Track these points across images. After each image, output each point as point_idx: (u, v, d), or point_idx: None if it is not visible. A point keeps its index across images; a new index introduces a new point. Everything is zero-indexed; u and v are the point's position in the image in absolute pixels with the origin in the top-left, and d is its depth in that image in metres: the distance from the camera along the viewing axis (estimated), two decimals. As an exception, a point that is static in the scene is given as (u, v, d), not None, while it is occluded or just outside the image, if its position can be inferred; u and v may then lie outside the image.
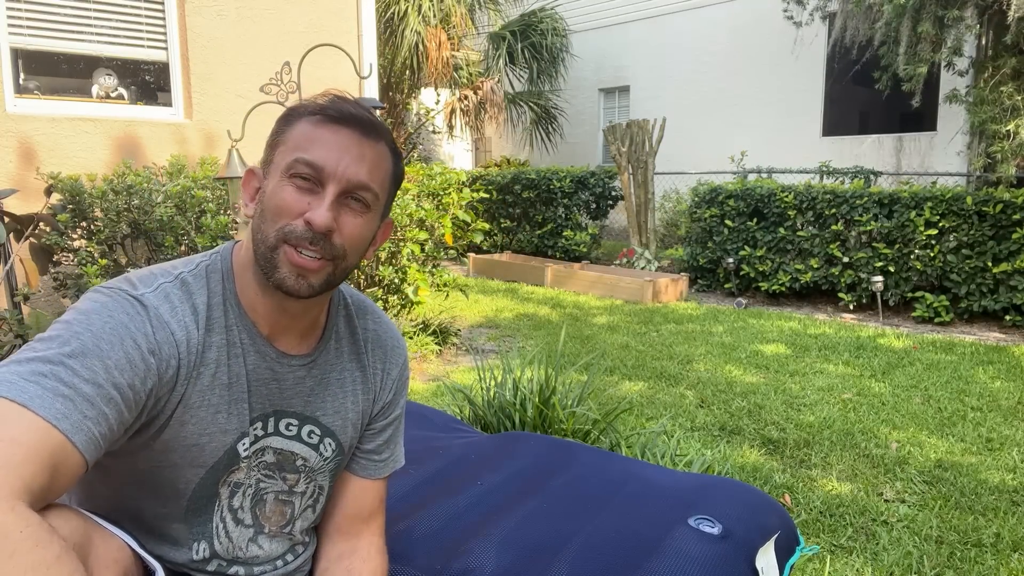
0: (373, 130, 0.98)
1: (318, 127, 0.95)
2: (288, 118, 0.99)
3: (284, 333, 1.04)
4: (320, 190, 0.95)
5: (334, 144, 0.95)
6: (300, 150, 0.94)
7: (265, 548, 1.09)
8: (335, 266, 0.97)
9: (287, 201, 0.94)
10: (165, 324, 0.92)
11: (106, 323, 0.87)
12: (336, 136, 0.95)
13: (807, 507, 2.59)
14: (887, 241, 6.08)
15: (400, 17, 9.68)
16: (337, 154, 0.94)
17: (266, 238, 0.95)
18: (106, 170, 4.50)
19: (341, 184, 0.95)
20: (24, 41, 4.51)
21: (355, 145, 0.96)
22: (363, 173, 0.96)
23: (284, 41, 5.32)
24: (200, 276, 1.00)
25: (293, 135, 0.96)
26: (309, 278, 0.96)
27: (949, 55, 6.52)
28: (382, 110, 6.33)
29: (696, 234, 7.38)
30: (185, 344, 0.94)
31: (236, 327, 1.00)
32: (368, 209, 0.99)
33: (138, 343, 0.88)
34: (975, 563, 2.24)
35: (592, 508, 1.50)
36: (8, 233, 3.45)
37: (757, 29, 10.40)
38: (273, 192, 0.96)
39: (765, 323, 5.80)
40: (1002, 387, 4.09)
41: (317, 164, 0.94)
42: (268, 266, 0.96)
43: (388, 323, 1.20)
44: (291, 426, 1.07)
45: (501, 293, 7.14)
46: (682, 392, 3.95)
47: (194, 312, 0.96)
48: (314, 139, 0.95)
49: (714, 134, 10.78)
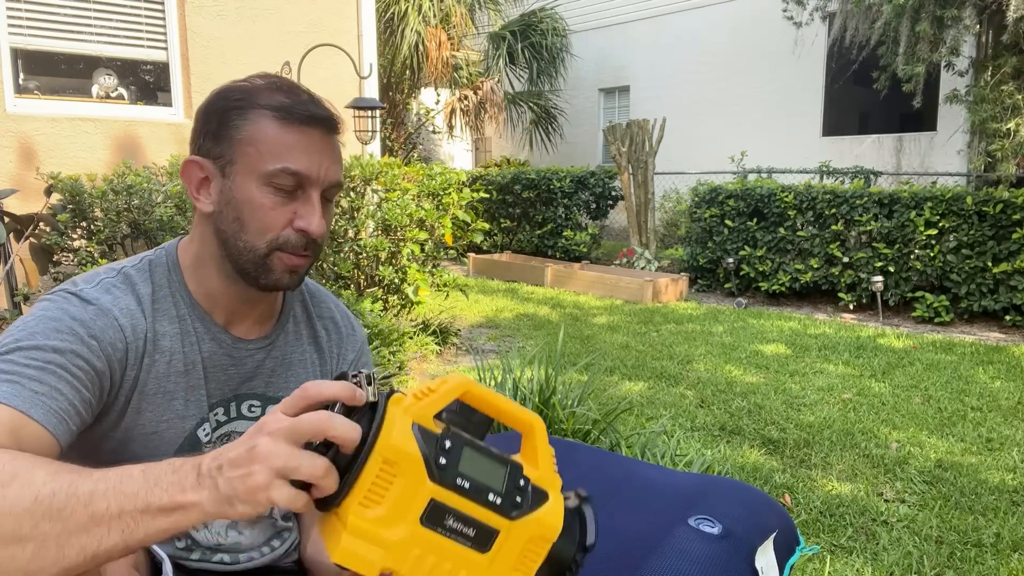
0: (335, 126, 0.99)
1: (287, 130, 0.94)
2: (241, 110, 0.95)
3: (241, 320, 1.06)
4: (300, 194, 0.96)
5: (310, 149, 0.95)
6: (281, 159, 0.93)
7: (247, 535, 1.09)
8: (317, 256, 1.02)
9: (272, 212, 0.95)
10: (106, 312, 0.93)
11: (40, 320, 0.88)
12: (309, 140, 0.95)
13: (807, 507, 2.59)
14: (887, 241, 6.08)
15: (400, 17, 9.68)
16: (317, 159, 0.95)
17: (254, 248, 0.96)
18: (106, 170, 4.50)
19: (321, 187, 0.97)
20: (24, 41, 4.51)
21: (327, 146, 0.97)
22: (336, 172, 0.99)
23: (284, 41, 5.32)
24: (143, 270, 1.01)
25: (259, 135, 0.94)
26: (299, 272, 1.00)
27: (947, 55, 6.52)
28: (382, 110, 6.33)
29: (696, 234, 7.38)
30: (131, 329, 0.95)
31: (188, 317, 1.01)
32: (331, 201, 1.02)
33: (75, 330, 0.88)
34: (975, 563, 2.24)
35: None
36: (8, 233, 3.45)
37: (757, 29, 10.40)
38: (250, 200, 0.95)
39: (765, 323, 5.80)
40: (1002, 387, 4.09)
41: (300, 172, 0.94)
42: (260, 271, 0.97)
43: (344, 309, 1.22)
44: (254, 407, 1.08)
45: (501, 293, 7.14)
46: (682, 392, 3.95)
47: (138, 301, 0.97)
48: (290, 145, 0.94)
49: (714, 134, 10.78)
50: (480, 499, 0.67)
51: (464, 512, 0.67)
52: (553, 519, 0.72)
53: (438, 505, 0.65)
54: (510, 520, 0.69)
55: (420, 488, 0.64)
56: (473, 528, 0.67)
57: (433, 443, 0.66)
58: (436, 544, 0.66)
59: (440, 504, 0.65)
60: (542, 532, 0.71)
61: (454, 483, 0.66)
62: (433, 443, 0.66)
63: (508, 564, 0.70)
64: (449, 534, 0.66)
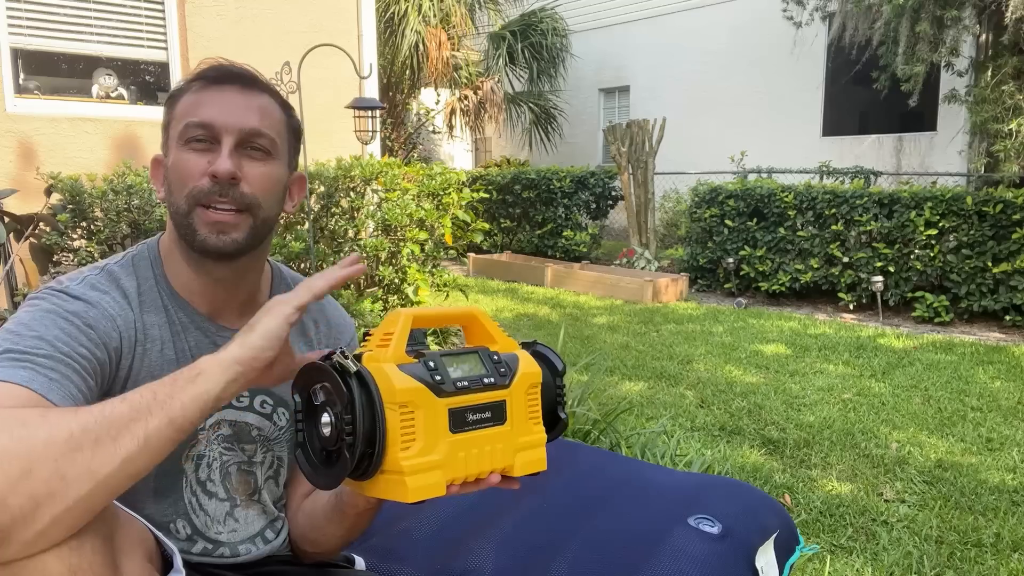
0: (254, 83, 1.01)
1: (201, 92, 0.99)
2: (172, 97, 1.02)
3: (223, 309, 1.06)
4: (217, 147, 0.97)
5: (220, 101, 0.98)
6: (189, 116, 0.98)
7: (242, 521, 1.09)
8: (253, 217, 1.00)
9: (187, 165, 0.97)
10: (95, 304, 0.94)
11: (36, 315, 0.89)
12: (221, 94, 0.98)
13: (807, 507, 2.59)
14: (887, 241, 6.08)
15: (400, 17, 9.67)
16: (225, 109, 0.97)
17: (179, 208, 0.98)
18: (106, 170, 4.50)
19: (234, 134, 0.97)
20: (24, 41, 4.51)
21: (240, 98, 0.99)
22: (254, 120, 0.99)
23: (284, 41, 5.32)
24: (127, 265, 1.03)
25: (181, 108, 0.99)
26: (230, 233, 0.98)
27: (947, 55, 6.52)
28: (382, 110, 6.33)
29: (696, 234, 7.38)
30: (121, 320, 0.96)
31: (172, 307, 1.03)
32: (269, 156, 1.01)
33: (72, 321, 0.90)
34: (975, 563, 2.24)
35: (592, 508, 1.50)
36: (8, 233, 3.45)
37: (757, 29, 10.40)
38: (173, 163, 0.99)
39: (765, 323, 5.80)
40: (1002, 387, 4.09)
41: (207, 122, 0.96)
42: (188, 233, 0.98)
43: (334, 302, 1.23)
44: (242, 397, 1.08)
45: (501, 293, 7.14)
46: (682, 392, 3.95)
47: (124, 296, 0.99)
48: (200, 103, 0.98)
49: (714, 134, 10.78)
50: (480, 387, 0.81)
51: (475, 403, 0.80)
52: (532, 367, 0.88)
53: (455, 411, 0.78)
54: (507, 388, 0.84)
55: (436, 408, 0.77)
56: (488, 410, 0.81)
57: (422, 370, 0.78)
58: (471, 439, 0.80)
59: (456, 409, 0.79)
60: (531, 380, 0.87)
61: (456, 388, 0.79)
62: (422, 370, 0.78)
63: (523, 417, 0.86)
64: (475, 426, 0.80)
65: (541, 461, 0.87)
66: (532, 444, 0.86)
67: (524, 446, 0.85)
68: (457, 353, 0.83)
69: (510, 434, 0.83)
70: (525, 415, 0.86)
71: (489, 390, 0.82)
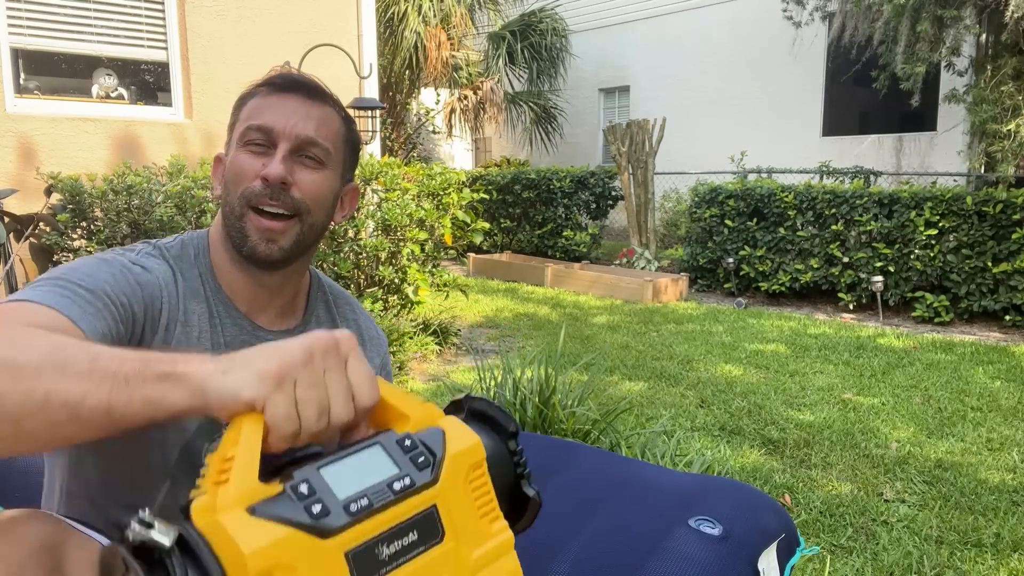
0: (318, 94, 1.04)
1: (267, 98, 1.02)
2: (241, 100, 1.05)
3: (262, 311, 1.07)
4: (273, 151, 1.00)
5: (281, 108, 1.01)
6: (251, 119, 1.00)
7: None
8: (301, 223, 1.02)
9: (243, 165, 1.00)
10: (150, 269, 0.98)
11: (88, 261, 0.92)
12: (283, 101, 1.01)
13: (807, 507, 2.59)
14: (887, 241, 6.08)
15: (400, 17, 9.67)
16: (284, 115, 1.00)
17: (232, 208, 1.00)
18: (106, 170, 4.50)
19: (291, 141, 1.00)
20: (24, 41, 4.51)
21: (301, 107, 1.02)
22: (311, 129, 1.01)
23: (284, 41, 5.32)
24: (176, 247, 1.05)
25: (246, 111, 1.03)
26: (278, 241, 1.00)
27: (948, 55, 6.52)
28: (382, 110, 6.33)
29: (696, 234, 7.38)
30: (167, 288, 0.99)
31: (213, 299, 1.04)
32: (323, 165, 1.03)
33: (125, 274, 0.93)
34: (975, 563, 2.24)
35: (592, 508, 1.50)
36: (8, 233, 3.45)
37: (757, 29, 10.40)
38: (230, 162, 1.02)
39: (765, 323, 5.80)
40: (1002, 387, 4.09)
41: (266, 126, 0.99)
42: (239, 236, 1.00)
43: (367, 315, 1.23)
44: None
45: (501, 293, 7.14)
46: (682, 392, 3.95)
47: (172, 274, 1.01)
48: (263, 107, 1.01)
49: (714, 134, 10.78)
50: (388, 499, 0.53)
51: (388, 528, 0.52)
52: (465, 440, 0.60)
53: (357, 553, 0.50)
54: (433, 484, 0.56)
55: (325, 559, 0.49)
56: (411, 530, 0.54)
57: (289, 503, 0.50)
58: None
59: (358, 549, 0.51)
60: (469, 460, 0.59)
61: (350, 515, 0.51)
62: (289, 503, 0.50)
63: (471, 520, 0.58)
64: (398, 562, 0.52)
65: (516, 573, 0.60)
66: (495, 554, 0.58)
67: (484, 562, 0.57)
68: (343, 456, 0.55)
69: (456, 553, 0.56)
70: (472, 515, 0.58)
71: (404, 498, 0.54)
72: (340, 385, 0.56)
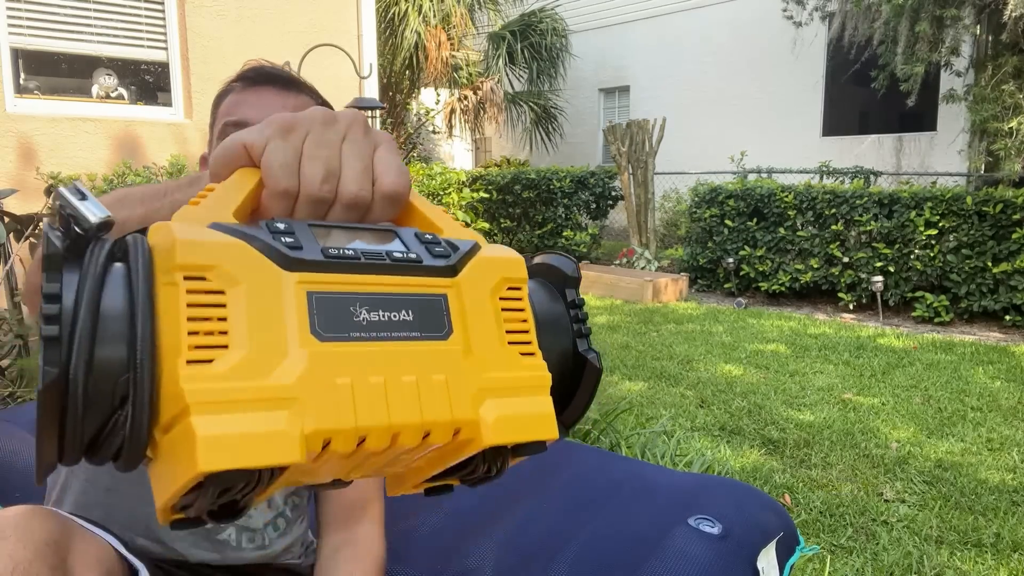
0: (292, 84, 1.04)
1: (241, 93, 1.02)
2: (218, 98, 1.06)
3: None
4: None
5: (257, 101, 1.01)
6: (228, 115, 1.01)
7: None
8: None
9: None
10: None
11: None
12: (258, 95, 1.02)
13: (807, 507, 2.59)
14: (887, 241, 6.08)
15: (400, 17, 9.67)
16: (260, 109, 1.00)
17: None
18: (106, 170, 4.50)
19: None
20: (24, 41, 4.51)
21: (278, 98, 1.02)
22: None
23: (284, 41, 5.32)
24: None
25: (223, 109, 1.03)
26: None
27: (947, 55, 6.52)
28: (382, 110, 6.34)
29: (696, 234, 7.38)
30: None
31: None
32: None
33: None
34: (975, 563, 2.24)
35: (592, 508, 1.50)
36: (8, 233, 3.45)
37: (757, 29, 10.40)
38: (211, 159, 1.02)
39: (765, 323, 5.80)
40: (1002, 387, 4.09)
41: (243, 121, 0.98)
42: None
43: None
44: None
45: (501, 293, 7.14)
46: (682, 392, 3.95)
47: None
48: (239, 103, 1.01)
49: (714, 134, 10.78)
50: (381, 262, 0.41)
51: (371, 292, 0.40)
52: (503, 255, 0.46)
53: (324, 298, 0.38)
54: (447, 275, 0.43)
55: (277, 286, 0.37)
56: (405, 309, 0.40)
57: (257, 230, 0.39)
58: (366, 357, 0.38)
59: (327, 294, 0.38)
60: (502, 272, 0.45)
61: (326, 256, 0.39)
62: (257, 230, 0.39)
63: (493, 340, 0.43)
64: (376, 333, 0.39)
65: (542, 420, 0.42)
66: (517, 386, 0.42)
67: (499, 388, 0.42)
68: (342, 224, 0.44)
69: (461, 359, 0.41)
70: (497, 337, 0.43)
71: (403, 271, 0.41)
72: (359, 156, 0.47)
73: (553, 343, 0.47)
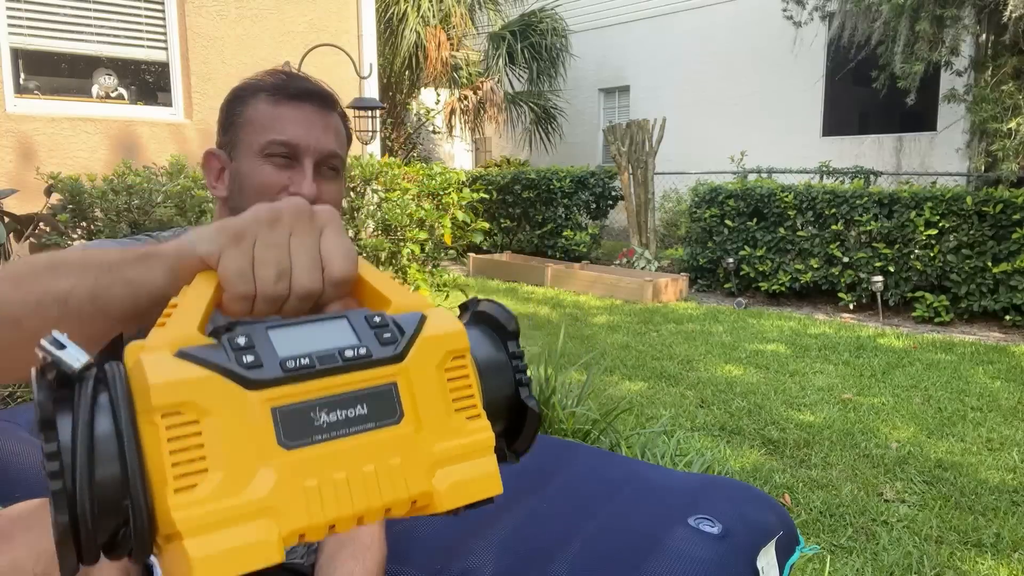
0: (329, 102, 1.06)
1: (279, 105, 1.02)
2: (241, 98, 1.05)
3: None
4: (296, 164, 1.01)
5: (300, 120, 1.02)
6: (271, 131, 1.01)
7: None
8: None
9: (267, 179, 1.01)
10: None
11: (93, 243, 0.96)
12: (300, 112, 1.02)
13: (807, 507, 2.59)
14: (887, 241, 6.08)
15: (400, 17, 9.68)
16: (306, 129, 1.01)
17: None
18: (106, 170, 4.50)
19: (314, 156, 1.02)
20: (24, 41, 4.51)
21: (319, 118, 1.03)
22: (332, 142, 1.04)
23: (284, 41, 5.32)
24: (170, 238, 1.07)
25: (255, 115, 1.03)
26: None
27: (947, 55, 6.52)
28: (382, 110, 6.33)
29: (696, 234, 7.38)
30: None
31: None
32: (338, 174, 1.07)
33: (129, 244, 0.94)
34: (975, 563, 2.24)
35: (592, 508, 1.50)
36: (8, 233, 3.45)
37: (757, 29, 10.40)
38: (251, 172, 1.02)
39: (765, 323, 5.80)
40: (1002, 387, 4.09)
41: (292, 142, 1.00)
42: None
43: None
44: None
45: (501, 293, 7.14)
46: (682, 392, 3.95)
47: None
48: (280, 118, 1.01)
49: (714, 134, 10.78)
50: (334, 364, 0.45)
51: (328, 395, 0.44)
52: (446, 326, 0.50)
53: (287, 410, 0.43)
54: (395, 362, 0.47)
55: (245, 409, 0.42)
56: (359, 403, 0.45)
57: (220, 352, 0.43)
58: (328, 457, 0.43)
59: (288, 407, 0.43)
60: (446, 346, 0.49)
61: (284, 370, 0.44)
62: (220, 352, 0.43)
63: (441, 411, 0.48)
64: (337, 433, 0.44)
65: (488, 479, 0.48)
66: (465, 452, 0.48)
67: (448, 457, 0.47)
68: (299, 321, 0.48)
69: (414, 439, 0.46)
70: (444, 407, 0.48)
71: (355, 368, 0.45)
72: (306, 250, 0.51)
73: (499, 388, 0.54)
